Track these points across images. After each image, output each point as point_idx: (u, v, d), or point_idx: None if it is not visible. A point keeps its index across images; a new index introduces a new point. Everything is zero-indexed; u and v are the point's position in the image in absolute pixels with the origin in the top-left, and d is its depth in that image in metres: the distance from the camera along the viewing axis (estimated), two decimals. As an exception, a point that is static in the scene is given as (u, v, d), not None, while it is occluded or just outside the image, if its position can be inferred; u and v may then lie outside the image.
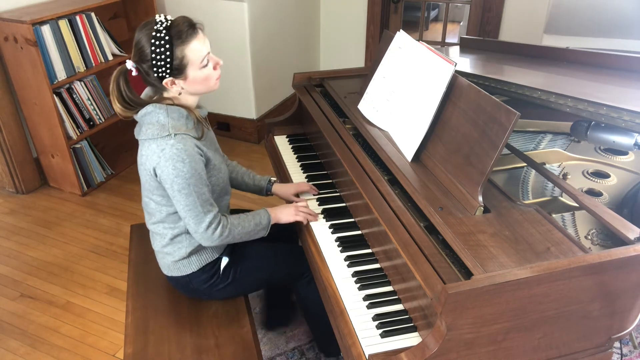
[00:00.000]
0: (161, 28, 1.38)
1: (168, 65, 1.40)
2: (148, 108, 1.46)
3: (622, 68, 1.90)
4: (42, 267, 2.51)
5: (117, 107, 1.46)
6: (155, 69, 1.40)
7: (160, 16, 1.40)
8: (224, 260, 1.63)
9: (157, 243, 1.62)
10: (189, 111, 1.48)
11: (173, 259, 1.59)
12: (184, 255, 1.58)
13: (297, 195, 1.81)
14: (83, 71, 2.93)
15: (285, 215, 1.66)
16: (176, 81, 1.44)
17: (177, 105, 1.48)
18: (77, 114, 2.95)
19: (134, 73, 1.44)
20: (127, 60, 1.44)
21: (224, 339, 1.55)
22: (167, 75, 1.42)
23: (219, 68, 1.51)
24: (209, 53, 1.46)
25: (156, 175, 1.46)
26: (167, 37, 1.38)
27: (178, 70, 1.42)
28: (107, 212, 2.92)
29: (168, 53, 1.38)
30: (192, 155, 1.43)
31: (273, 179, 1.87)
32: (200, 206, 1.46)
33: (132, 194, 3.10)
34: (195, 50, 1.42)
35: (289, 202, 1.81)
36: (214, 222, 1.49)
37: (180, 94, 1.48)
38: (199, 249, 1.59)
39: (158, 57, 1.38)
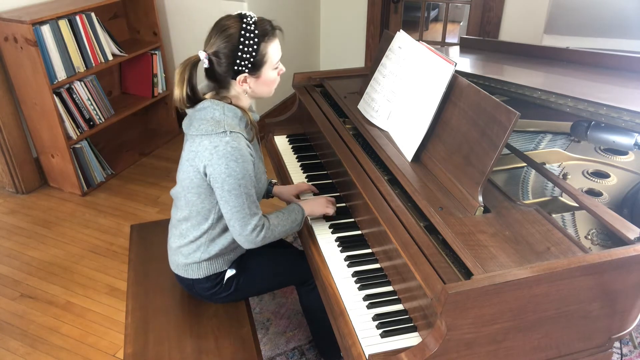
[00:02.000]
0: (251, 22, 1.39)
1: (251, 60, 1.40)
2: (205, 103, 1.44)
3: (622, 68, 1.90)
4: (42, 267, 2.51)
5: (182, 98, 1.42)
6: (237, 61, 1.39)
7: (247, 12, 1.42)
8: (229, 272, 1.62)
9: (175, 240, 1.61)
10: (243, 112, 1.47)
11: (185, 260, 1.59)
12: (196, 261, 1.57)
13: (298, 196, 1.81)
14: (83, 71, 2.93)
15: (319, 207, 1.66)
16: (249, 79, 1.44)
17: (234, 105, 1.47)
18: (77, 114, 2.95)
19: (205, 65, 1.42)
20: (201, 51, 1.41)
21: (224, 339, 1.55)
22: (246, 70, 1.42)
23: (280, 76, 1.53)
24: (280, 57, 1.48)
25: (206, 175, 1.44)
26: (256, 31, 1.39)
27: (257, 67, 1.42)
28: (107, 212, 2.92)
29: (255, 47, 1.39)
30: (244, 155, 1.41)
31: (274, 180, 1.87)
32: (248, 208, 1.45)
33: (132, 194, 3.10)
34: (275, 50, 1.45)
35: (290, 203, 1.81)
36: (258, 225, 1.48)
37: (246, 93, 1.48)
38: (212, 258, 1.58)
39: (245, 49, 1.38)
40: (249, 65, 1.41)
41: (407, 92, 1.66)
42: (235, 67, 1.41)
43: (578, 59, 2.01)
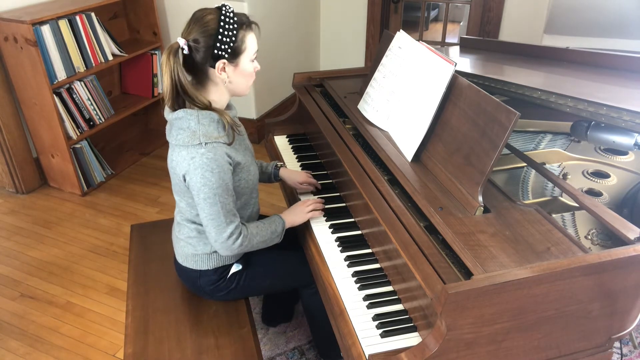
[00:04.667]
0: (229, 11, 1.41)
1: (231, 45, 1.41)
2: (179, 113, 1.44)
3: (622, 68, 1.90)
4: (42, 267, 2.51)
5: (170, 90, 1.42)
6: (218, 45, 1.39)
7: (225, 4, 1.44)
8: (235, 267, 1.63)
9: (183, 233, 1.62)
10: (220, 115, 1.47)
11: (195, 251, 1.60)
12: (207, 252, 1.59)
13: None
14: (83, 71, 2.93)
15: (299, 216, 1.66)
16: (227, 67, 1.44)
17: (210, 109, 1.46)
18: (77, 114, 2.95)
19: (185, 51, 1.42)
20: (180, 38, 1.42)
21: (224, 339, 1.55)
22: (225, 55, 1.42)
23: (255, 74, 1.53)
24: (257, 51, 1.50)
25: (185, 181, 1.47)
26: (234, 19, 1.41)
27: (235, 53, 1.43)
28: (107, 212, 2.92)
29: (235, 32, 1.41)
30: (221, 165, 1.43)
31: (280, 163, 1.88)
32: (224, 216, 1.46)
33: (132, 194, 3.10)
34: (252, 41, 1.47)
35: (295, 189, 1.84)
36: (235, 233, 1.49)
37: (224, 83, 1.47)
38: None
39: (225, 32, 1.39)
40: (229, 50, 1.41)
41: (407, 92, 1.66)
42: (215, 51, 1.40)
43: (578, 59, 2.01)
